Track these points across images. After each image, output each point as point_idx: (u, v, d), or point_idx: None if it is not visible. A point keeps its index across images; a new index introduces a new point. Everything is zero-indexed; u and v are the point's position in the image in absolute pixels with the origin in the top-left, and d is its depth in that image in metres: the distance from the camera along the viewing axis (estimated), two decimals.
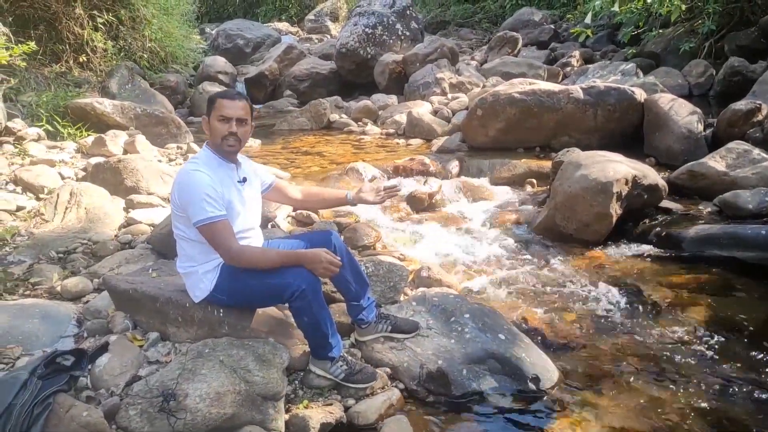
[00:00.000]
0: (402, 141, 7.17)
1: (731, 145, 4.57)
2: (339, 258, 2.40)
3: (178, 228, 2.46)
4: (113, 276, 2.96)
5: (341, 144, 7.30)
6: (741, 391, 2.47)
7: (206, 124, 2.49)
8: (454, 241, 4.26)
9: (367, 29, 10.63)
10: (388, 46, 10.63)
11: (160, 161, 5.71)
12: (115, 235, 3.88)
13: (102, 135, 5.89)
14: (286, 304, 2.44)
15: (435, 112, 7.86)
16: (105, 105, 6.56)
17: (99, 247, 3.69)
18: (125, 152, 5.70)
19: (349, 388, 2.49)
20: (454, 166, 5.74)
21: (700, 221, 3.98)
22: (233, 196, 2.44)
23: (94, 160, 5.30)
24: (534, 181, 5.31)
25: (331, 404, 2.44)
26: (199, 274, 2.45)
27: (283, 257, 2.37)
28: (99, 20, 7.91)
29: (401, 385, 2.59)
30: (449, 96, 8.58)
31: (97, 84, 7.99)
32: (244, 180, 2.56)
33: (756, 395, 2.44)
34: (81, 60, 7.89)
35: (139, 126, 6.59)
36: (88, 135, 6.23)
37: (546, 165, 5.32)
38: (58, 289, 3.14)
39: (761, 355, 2.70)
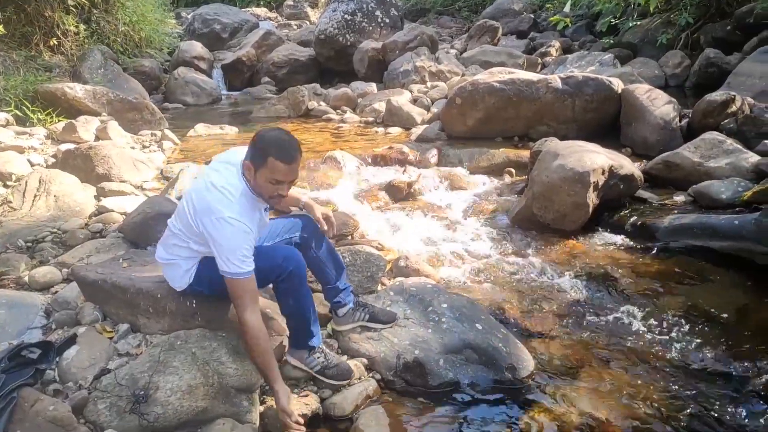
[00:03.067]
0: (381, 129, 7.12)
1: (706, 135, 4.61)
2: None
3: (179, 230, 2.33)
4: (82, 266, 2.88)
5: (320, 132, 7.22)
6: (714, 377, 2.51)
7: (250, 172, 2.19)
8: (432, 230, 4.24)
9: (346, 16, 10.51)
10: (367, 33, 10.53)
11: (133, 148, 5.59)
12: (86, 224, 3.79)
13: (73, 121, 5.75)
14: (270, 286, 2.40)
15: (414, 101, 7.82)
16: (76, 90, 6.39)
17: (69, 236, 3.60)
18: (97, 139, 5.57)
19: (323, 382, 2.47)
20: (433, 155, 5.71)
21: (675, 211, 4.02)
22: (257, 229, 2.32)
23: (64, 147, 5.17)
24: (512, 170, 5.31)
25: (307, 396, 2.42)
26: (181, 268, 2.38)
27: (271, 370, 2.18)
28: (70, 2, 7.67)
29: (378, 376, 2.58)
30: (429, 84, 8.54)
31: (68, 68, 7.78)
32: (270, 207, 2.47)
33: (728, 381, 2.48)
34: (51, 43, 7.66)
35: (112, 112, 6.43)
36: (59, 121, 6.07)
37: (524, 154, 5.33)
38: (26, 279, 3.06)
39: (733, 343, 2.74)
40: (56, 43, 7.69)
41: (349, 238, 3.89)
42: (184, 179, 4.17)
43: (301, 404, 2.34)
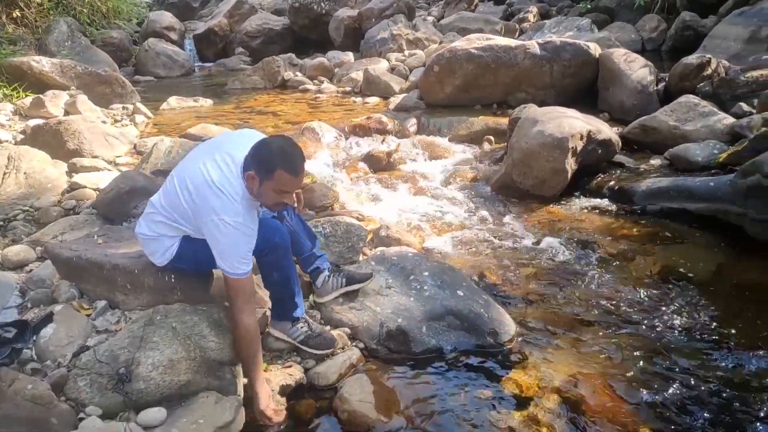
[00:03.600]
0: (359, 99, 7.04)
1: (682, 99, 4.64)
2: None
3: (166, 210, 2.27)
4: (56, 244, 2.82)
5: (296, 103, 7.11)
6: (689, 336, 2.56)
7: (253, 181, 2.10)
8: (412, 199, 4.24)
9: None
10: (343, 0, 10.33)
11: (104, 122, 5.45)
12: (58, 201, 3.70)
13: (41, 95, 5.59)
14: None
15: (392, 70, 7.73)
16: (43, 63, 6.19)
17: (41, 213, 3.51)
18: (66, 113, 5.42)
19: (306, 352, 2.47)
20: (411, 124, 5.67)
21: (652, 175, 4.06)
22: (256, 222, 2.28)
23: (33, 123, 5.03)
24: (491, 138, 5.30)
25: (290, 366, 2.41)
26: (164, 244, 2.33)
27: (256, 369, 2.18)
28: None
29: (361, 345, 2.58)
30: (406, 53, 8.44)
31: (33, 41, 7.53)
32: None
33: (703, 339, 2.53)
34: (14, 15, 7.38)
35: (81, 85, 6.26)
36: (26, 96, 5.89)
37: (503, 122, 5.31)
38: None
39: (708, 302, 2.80)
40: (19, 14, 7.42)
41: (329, 209, 3.87)
42: (158, 153, 4.07)
43: (284, 375, 2.34)
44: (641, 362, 2.41)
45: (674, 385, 2.26)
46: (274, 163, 2.07)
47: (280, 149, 2.11)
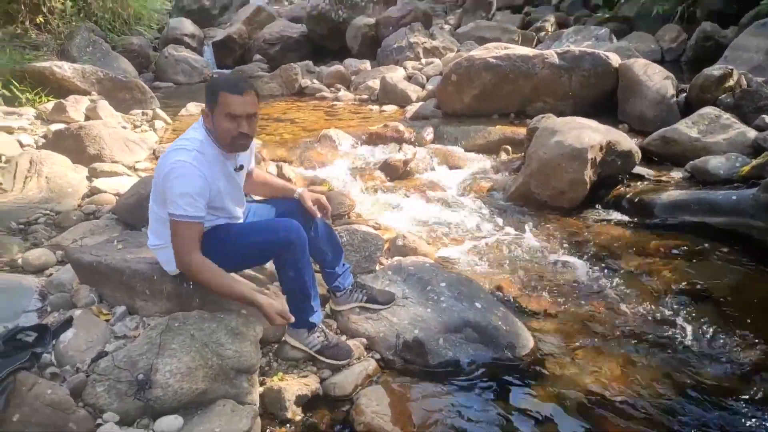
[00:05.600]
0: (375, 107, 7.05)
1: (703, 110, 4.59)
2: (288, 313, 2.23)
3: (153, 208, 2.34)
4: (76, 248, 2.85)
5: (313, 110, 7.15)
6: (712, 354, 2.51)
7: (207, 118, 2.22)
8: (429, 209, 4.22)
9: None
10: (360, 8, 10.39)
11: (124, 128, 5.51)
12: (79, 205, 3.75)
13: (62, 100, 5.67)
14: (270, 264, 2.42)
15: (409, 78, 7.74)
16: (65, 69, 6.29)
17: (62, 217, 3.56)
18: (87, 118, 5.49)
19: (323, 362, 2.46)
20: (428, 132, 5.67)
21: (672, 187, 4.01)
22: (224, 185, 2.31)
23: (54, 127, 5.10)
24: (509, 148, 5.27)
25: (306, 376, 2.40)
26: (171, 250, 2.35)
27: (237, 292, 2.19)
28: None
29: (377, 355, 2.56)
30: (423, 61, 8.45)
31: (56, 47, 7.66)
32: (241, 167, 2.43)
33: (726, 358, 2.48)
34: (38, 21, 7.52)
35: (102, 91, 6.35)
36: (48, 101, 5.98)
37: (521, 132, 5.29)
38: (20, 261, 3.02)
39: (730, 319, 2.74)
40: (43, 20, 7.55)
41: (346, 217, 3.87)
42: None
43: (300, 385, 2.32)
44: (660, 379, 2.37)
45: (693, 403, 2.22)
46: (217, 88, 2.16)
47: (223, 77, 2.29)
